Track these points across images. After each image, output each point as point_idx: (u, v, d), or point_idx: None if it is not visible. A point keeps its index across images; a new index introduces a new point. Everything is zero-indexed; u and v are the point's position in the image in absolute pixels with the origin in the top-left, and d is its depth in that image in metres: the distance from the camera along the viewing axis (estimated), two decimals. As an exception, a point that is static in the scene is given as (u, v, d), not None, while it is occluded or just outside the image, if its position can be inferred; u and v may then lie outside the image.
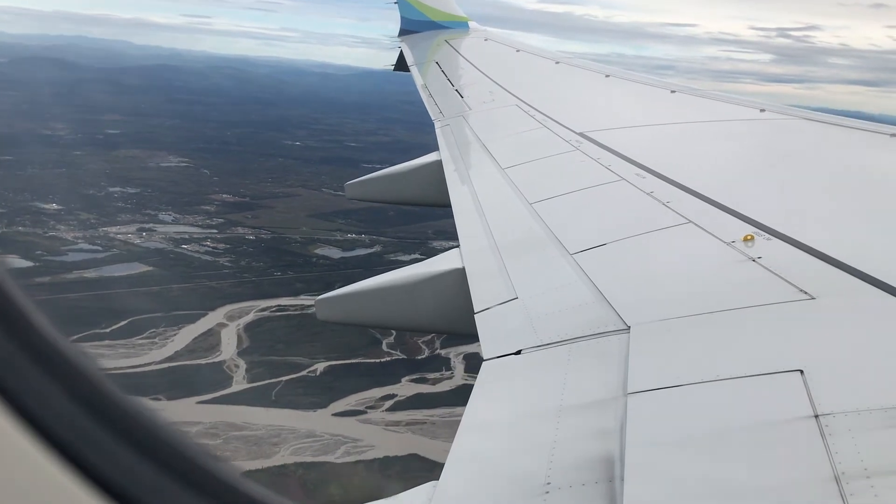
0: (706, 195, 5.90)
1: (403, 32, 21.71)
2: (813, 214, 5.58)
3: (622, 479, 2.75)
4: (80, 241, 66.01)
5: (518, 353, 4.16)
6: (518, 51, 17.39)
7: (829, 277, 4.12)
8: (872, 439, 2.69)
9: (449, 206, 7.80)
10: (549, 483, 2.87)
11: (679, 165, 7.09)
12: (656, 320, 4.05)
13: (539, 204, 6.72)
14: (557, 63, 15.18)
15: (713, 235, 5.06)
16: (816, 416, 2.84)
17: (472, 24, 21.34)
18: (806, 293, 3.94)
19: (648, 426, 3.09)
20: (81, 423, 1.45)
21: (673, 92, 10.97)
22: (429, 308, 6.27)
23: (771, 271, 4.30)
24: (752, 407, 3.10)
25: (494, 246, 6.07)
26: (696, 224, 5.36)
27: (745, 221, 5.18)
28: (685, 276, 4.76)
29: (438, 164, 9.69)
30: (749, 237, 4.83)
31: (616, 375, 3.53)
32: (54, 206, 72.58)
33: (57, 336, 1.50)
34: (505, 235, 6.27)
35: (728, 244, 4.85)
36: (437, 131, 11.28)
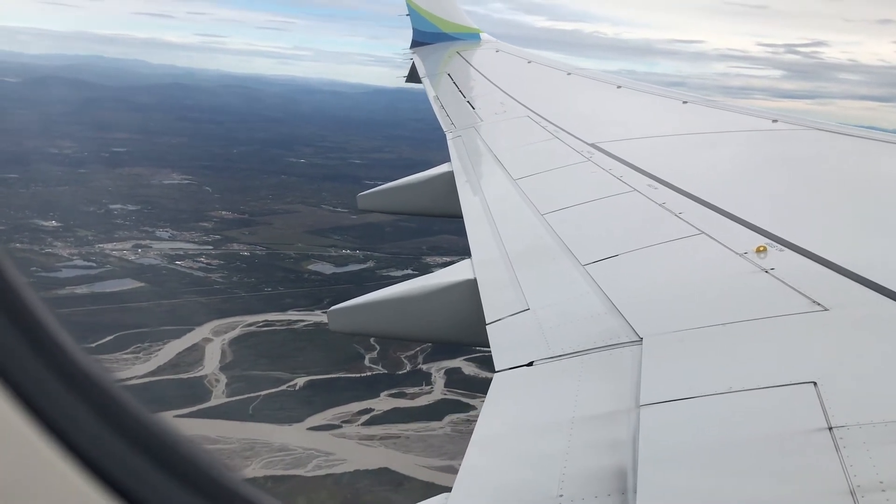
0: (718, 206, 5.88)
1: (415, 44, 21.80)
2: (826, 225, 5.55)
3: (635, 492, 2.73)
4: (75, 257, 66.41)
5: (530, 364, 4.15)
6: (529, 62, 17.43)
7: (842, 289, 4.09)
8: (887, 452, 2.66)
9: (460, 217, 7.80)
10: (561, 495, 2.86)
11: (691, 176, 7.08)
12: (669, 332, 4.03)
13: (551, 215, 6.72)
14: (569, 74, 15.21)
15: (725, 246, 5.05)
16: (830, 429, 2.82)
17: (483, 35, 21.40)
18: (819, 304, 3.92)
19: (661, 438, 3.08)
20: (97, 429, 1.50)
21: (685, 103, 10.96)
22: (440, 319, 6.27)
23: (784, 282, 4.28)
24: (766, 419, 3.08)
25: (506, 257, 6.07)
26: (708, 235, 5.34)
27: (757, 232, 5.16)
28: (698, 288, 4.74)
29: (450, 175, 9.71)
30: (762, 248, 4.81)
31: (629, 387, 3.52)
32: (53, 223, 73.28)
33: (75, 347, 1.55)
34: (516, 246, 6.26)
35: (741, 255, 4.83)
36: (449, 142, 11.30)
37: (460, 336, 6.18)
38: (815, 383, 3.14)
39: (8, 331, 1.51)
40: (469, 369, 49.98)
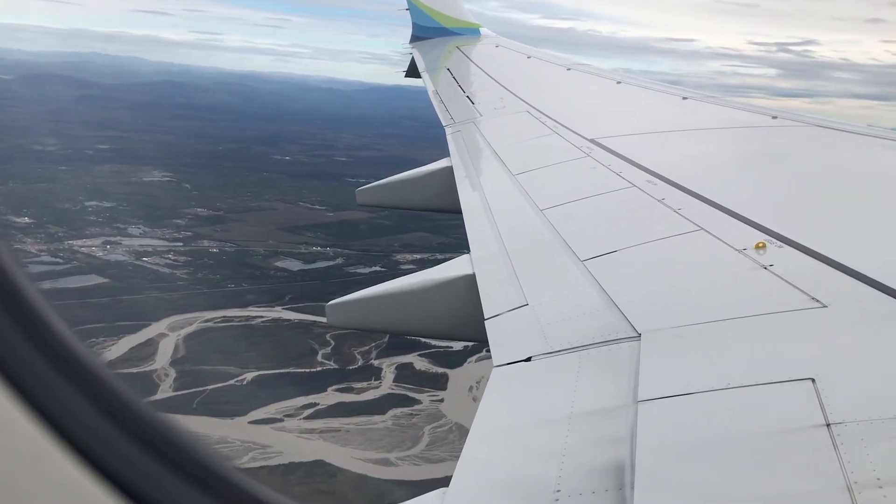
0: (718, 202, 5.88)
1: (415, 38, 21.74)
2: (825, 222, 5.55)
3: (632, 487, 2.73)
4: (43, 253, 66.12)
5: (528, 359, 4.15)
6: (529, 57, 17.40)
7: (841, 285, 4.09)
8: (885, 448, 2.67)
9: (458, 212, 7.80)
10: (558, 490, 2.86)
11: (690, 172, 7.07)
12: (667, 328, 4.03)
13: (550, 210, 6.71)
14: (569, 70, 15.18)
15: (725, 243, 5.04)
16: (828, 425, 2.82)
17: (483, 30, 21.35)
18: (818, 301, 3.92)
19: (659, 434, 3.08)
20: (94, 420, 1.51)
21: (684, 99, 10.95)
22: (439, 314, 6.27)
23: (782, 279, 4.28)
24: (764, 415, 3.08)
25: (505, 252, 6.06)
26: (707, 231, 5.34)
27: (756, 229, 5.16)
28: (696, 284, 4.74)
29: (449, 170, 9.69)
30: (761, 245, 4.81)
31: (627, 383, 3.52)
32: (26, 219, 73.06)
33: (74, 339, 1.55)
34: (515, 242, 6.26)
35: (740, 251, 4.83)
36: (448, 137, 11.28)
37: (458, 331, 6.17)
38: (813, 380, 3.14)
39: (5, 321, 1.50)
40: (421, 364, 50.26)
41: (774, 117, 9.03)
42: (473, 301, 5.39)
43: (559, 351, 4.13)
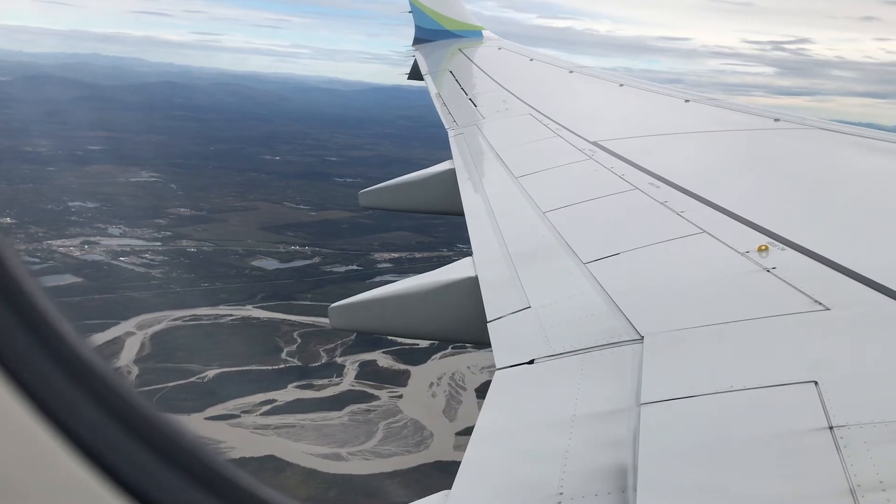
0: (720, 205, 5.88)
1: (418, 41, 21.77)
2: (828, 225, 5.55)
3: (635, 490, 2.74)
4: (20, 253, 66.08)
5: (531, 362, 4.15)
6: (532, 60, 17.41)
7: (843, 288, 4.09)
8: (888, 451, 2.66)
9: (461, 214, 7.81)
10: (561, 493, 2.86)
11: (693, 175, 7.08)
12: (670, 330, 4.03)
13: (552, 213, 6.72)
14: (571, 72, 15.20)
15: (727, 245, 5.05)
16: (831, 428, 2.82)
17: (486, 33, 21.38)
18: (820, 304, 3.92)
19: (662, 437, 3.08)
20: (97, 418, 1.52)
21: (687, 101, 10.95)
22: (441, 316, 6.27)
23: (785, 282, 4.28)
24: (766, 418, 3.08)
25: (507, 255, 6.07)
26: (710, 234, 5.34)
27: (759, 231, 5.16)
28: (699, 286, 4.74)
29: (452, 173, 9.69)
30: (763, 247, 4.81)
31: (629, 385, 3.52)
32: (7, 220, 73.15)
33: (80, 340, 1.56)
34: (518, 244, 6.26)
35: (742, 254, 4.83)
36: (451, 140, 11.28)
37: (461, 334, 6.17)
38: (815, 382, 3.14)
39: (8, 319, 1.51)
40: (385, 361, 50.30)
41: (776, 120, 9.03)
42: (476, 303, 5.40)
43: (562, 353, 4.13)
